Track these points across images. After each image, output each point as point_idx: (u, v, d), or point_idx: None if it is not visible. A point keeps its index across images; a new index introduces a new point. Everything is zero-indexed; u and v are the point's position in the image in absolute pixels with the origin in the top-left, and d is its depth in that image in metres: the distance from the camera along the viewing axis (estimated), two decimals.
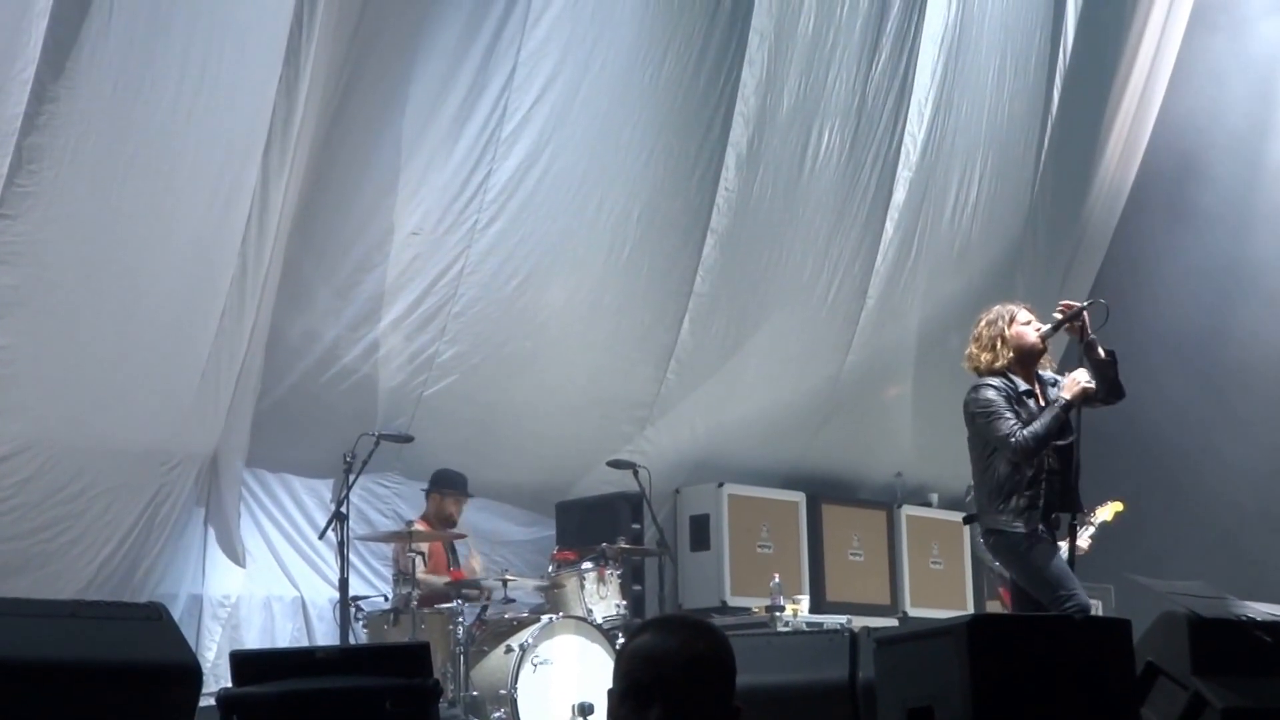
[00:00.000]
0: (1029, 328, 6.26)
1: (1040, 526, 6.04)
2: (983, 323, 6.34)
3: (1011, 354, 6.21)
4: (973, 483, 6.32)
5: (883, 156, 10.05)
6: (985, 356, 6.25)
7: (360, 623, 7.51)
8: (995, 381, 6.18)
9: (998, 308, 6.36)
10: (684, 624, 2.70)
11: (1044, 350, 6.31)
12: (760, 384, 10.05)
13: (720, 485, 9.79)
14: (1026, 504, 6.03)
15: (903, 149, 10.15)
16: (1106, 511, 7.95)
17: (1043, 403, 6.16)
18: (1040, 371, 6.31)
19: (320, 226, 8.24)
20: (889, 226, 10.24)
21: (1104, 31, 11.00)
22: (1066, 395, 6.09)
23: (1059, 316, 6.20)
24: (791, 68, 9.46)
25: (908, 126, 10.11)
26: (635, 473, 8.46)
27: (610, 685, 2.69)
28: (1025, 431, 6.04)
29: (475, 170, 8.47)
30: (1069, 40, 10.89)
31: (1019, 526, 6.02)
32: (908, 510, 10.76)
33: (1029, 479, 6.07)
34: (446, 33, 8.21)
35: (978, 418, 6.11)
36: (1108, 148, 11.25)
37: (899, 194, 10.21)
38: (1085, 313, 6.14)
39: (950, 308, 10.48)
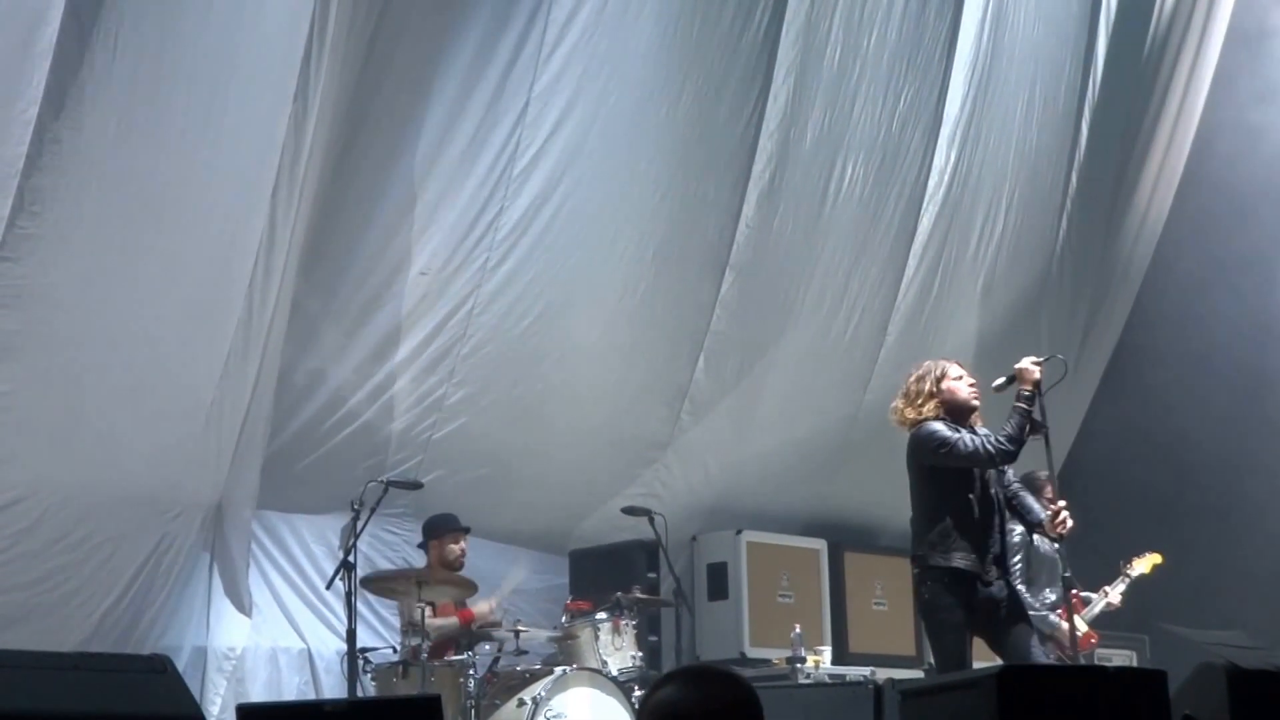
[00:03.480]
0: (961, 383, 6.29)
1: (983, 570, 6.03)
2: (912, 378, 6.39)
3: (941, 409, 6.19)
4: (915, 529, 6.24)
5: (907, 190, 9.91)
6: (910, 412, 6.30)
7: (368, 675, 7.36)
8: (935, 422, 6.15)
9: (928, 363, 6.42)
10: (710, 676, 2.59)
11: (975, 408, 6.30)
12: (776, 424, 9.88)
13: (738, 532, 9.61)
14: (971, 546, 6.00)
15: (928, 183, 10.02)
16: (1145, 564, 7.80)
17: None
18: (975, 427, 6.27)
19: (328, 265, 8.12)
20: (911, 262, 10.08)
21: (1135, 62, 10.85)
22: (1026, 388, 6.07)
23: (1019, 369, 6.16)
24: (816, 101, 9.33)
25: (934, 160, 9.98)
26: (651, 520, 8.28)
27: None
28: (996, 438, 6.05)
29: (486, 208, 8.35)
30: (1099, 72, 10.75)
31: (966, 565, 6.02)
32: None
33: (976, 522, 6.03)
34: (457, 67, 8.10)
35: (938, 451, 6.09)
36: (1140, 183, 11.08)
37: (923, 229, 10.05)
38: (1039, 368, 6.15)
39: (974, 345, 10.30)
